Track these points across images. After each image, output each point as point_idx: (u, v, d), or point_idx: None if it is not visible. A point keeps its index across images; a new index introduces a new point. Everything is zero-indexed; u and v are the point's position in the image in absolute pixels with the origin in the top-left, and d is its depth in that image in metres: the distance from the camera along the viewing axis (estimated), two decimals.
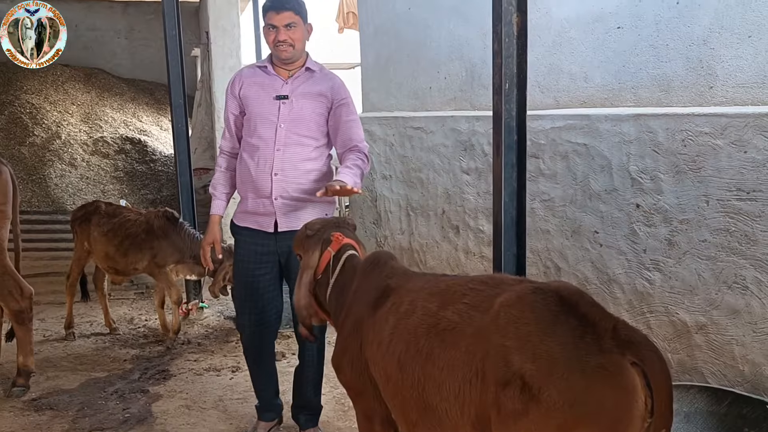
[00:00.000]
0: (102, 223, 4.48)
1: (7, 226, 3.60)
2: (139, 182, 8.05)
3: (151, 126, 9.28)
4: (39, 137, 8.15)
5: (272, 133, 2.82)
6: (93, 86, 9.59)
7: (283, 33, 2.76)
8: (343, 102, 2.88)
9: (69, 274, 4.66)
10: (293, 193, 2.84)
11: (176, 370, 4.00)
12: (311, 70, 2.90)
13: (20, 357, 3.64)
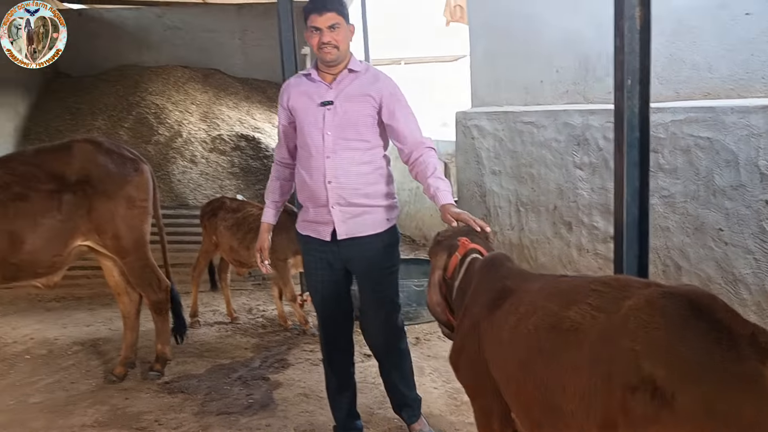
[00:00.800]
0: (227, 217, 4.75)
1: (149, 222, 3.84)
2: (253, 177, 8.39)
3: (263, 123, 9.64)
4: (163, 136, 8.67)
5: (320, 140, 2.76)
6: (210, 86, 10.08)
7: (327, 34, 2.68)
8: (392, 99, 2.78)
9: (195, 266, 4.96)
10: (351, 200, 2.78)
11: (294, 359, 4.17)
12: (354, 71, 2.79)
13: (158, 344, 3.93)
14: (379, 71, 2.87)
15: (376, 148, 2.82)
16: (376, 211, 2.83)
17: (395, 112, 2.77)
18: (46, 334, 4.62)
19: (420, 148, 2.77)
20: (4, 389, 3.79)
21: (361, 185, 2.77)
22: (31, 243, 3.44)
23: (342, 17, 2.71)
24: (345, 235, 2.81)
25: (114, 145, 3.87)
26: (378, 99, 2.76)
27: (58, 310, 5.22)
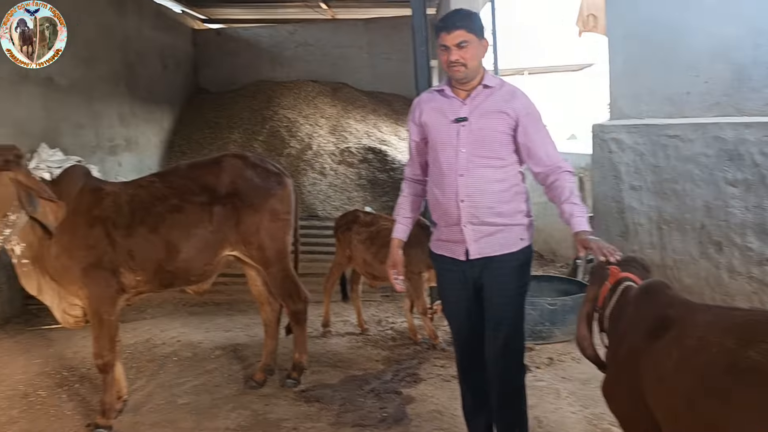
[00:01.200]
0: (361, 231, 4.84)
1: (290, 234, 3.97)
2: (380, 190, 8.52)
3: (390, 136, 9.78)
4: (294, 148, 9.00)
5: (453, 158, 2.69)
6: (338, 100, 10.37)
7: (455, 53, 2.62)
8: (529, 118, 2.68)
9: (328, 277, 5.09)
10: (484, 218, 2.70)
11: (425, 374, 4.17)
12: (489, 87, 2.70)
13: (296, 353, 4.05)
14: (515, 87, 2.78)
15: (510, 166, 2.74)
16: (510, 230, 2.74)
17: (531, 132, 2.68)
18: (190, 337, 4.89)
19: (557, 171, 2.67)
20: (154, 389, 4.04)
21: (495, 203, 2.70)
22: (186, 252, 3.62)
23: (472, 34, 2.65)
24: (478, 254, 2.75)
25: (259, 159, 4.01)
26: (513, 116, 2.67)
27: (200, 315, 5.53)
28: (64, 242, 3.43)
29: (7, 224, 3.24)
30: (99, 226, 3.50)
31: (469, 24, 2.65)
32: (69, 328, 3.73)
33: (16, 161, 3.22)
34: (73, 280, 3.47)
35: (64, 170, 3.79)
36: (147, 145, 8.85)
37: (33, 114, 6.24)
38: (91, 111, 7.37)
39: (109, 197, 3.58)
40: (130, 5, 8.56)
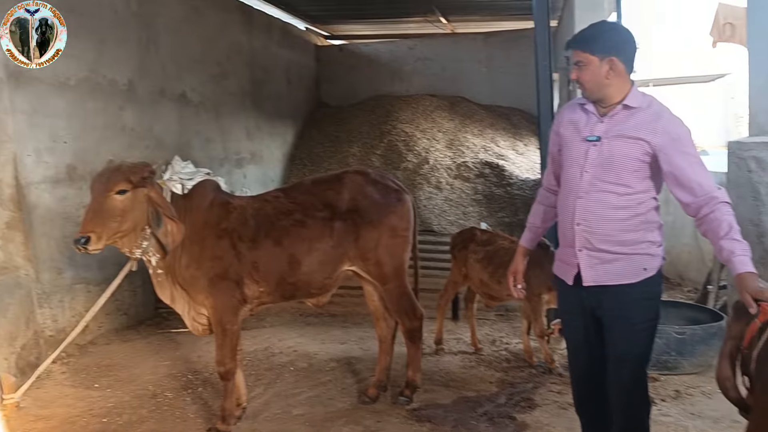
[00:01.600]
0: (478, 250, 4.76)
1: (408, 251, 3.98)
2: (496, 205, 8.39)
3: (507, 150, 9.63)
4: (411, 162, 9.05)
5: (577, 178, 2.60)
6: (456, 114, 10.33)
7: (574, 71, 2.57)
8: (674, 144, 2.46)
9: (443, 294, 5.05)
10: (599, 245, 2.57)
11: (541, 399, 4.03)
12: (630, 108, 2.54)
13: (410, 371, 4.04)
14: (663, 108, 2.56)
15: (637, 194, 2.56)
16: (630, 259, 2.57)
17: (677, 159, 2.47)
18: (307, 348, 5.00)
19: (711, 203, 2.41)
20: (271, 398, 4.15)
21: (613, 231, 2.56)
22: (307, 265, 3.70)
23: (588, 54, 2.54)
24: (591, 281, 2.62)
25: (380, 175, 4.05)
26: (652, 143, 2.48)
27: (316, 326, 5.65)
28: (194, 253, 3.60)
29: (145, 237, 3.49)
30: (226, 238, 3.63)
31: (584, 44, 2.56)
32: (197, 335, 3.88)
33: (150, 178, 3.44)
34: (200, 289, 3.62)
35: (196, 184, 3.95)
36: (270, 158, 9.20)
37: (169, 128, 6.65)
38: (219, 125, 7.75)
39: (237, 211, 3.71)
40: (259, 24, 8.96)
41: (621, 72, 2.55)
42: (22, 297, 4.66)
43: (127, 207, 3.34)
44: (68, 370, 4.77)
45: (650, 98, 2.60)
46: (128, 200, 3.33)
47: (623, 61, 2.55)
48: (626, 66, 2.56)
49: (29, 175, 4.84)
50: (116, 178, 3.34)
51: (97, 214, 3.28)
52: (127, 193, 3.33)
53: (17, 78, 4.74)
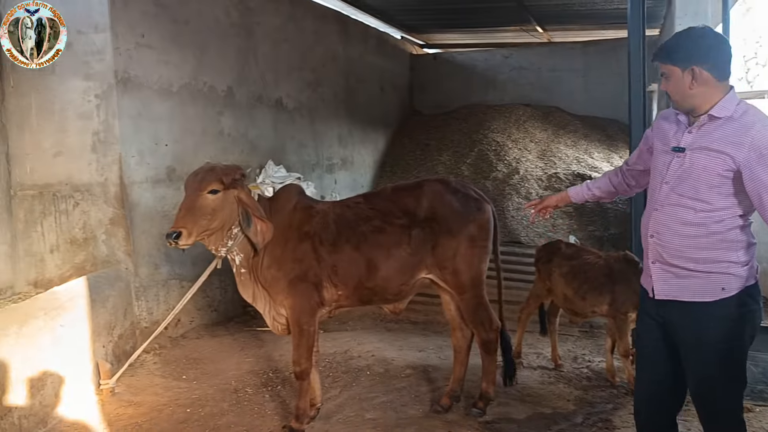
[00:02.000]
0: (563, 264, 4.63)
1: (487, 261, 3.96)
2: (586, 218, 8.18)
3: (601, 163, 9.36)
4: (501, 172, 8.97)
5: (657, 189, 2.55)
6: (550, 124, 10.15)
7: (663, 83, 2.54)
8: (762, 157, 2.30)
9: (525, 307, 4.95)
10: (671, 260, 2.49)
11: (620, 422, 3.90)
12: (716, 118, 2.43)
13: (483, 383, 4.01)
14: (757, 119, 2.39)
15: (716, 212, 2.43)
16: (706, 278, 2.46)
17: (758, 175, 2.32)
18: (385, 353, 5.06)
19: None
20: (346, 401, 4.23)
21: (685, 248, 2.47)
22: (384, 271, 3.76)
23: (671, 65, 2.48)
24: (663, 295, 2.55)
25: (461, 184, 4.05)
26: (736, 158, 2.35)
27: (395, 332, 5.70)
28: (276, 254, 3.73)
29: (231, 236, 3.65)
30: (307, 241, 3.74)
31: (665, 55, 2.51)
32: (277, 334, 4.01)
33: (241, 181, 3.59)
34: (279, 290, 3.74)
35: (280, 188, 4.18)
36: (361, 164, 9.36)
37: (264, 133, 6.91)
38: (313, 131, 7.97)
39: (319, 215, 3.82)
40: (354, 33, 9.15)
41: (707, 80, 2.44)
42: (122, 289, 4.97)
43: (217, 206, 3.48)
44: (160, 361, 5.04)
45: (745, 107, 2.45)
46: (219, 200, 3.47)
47: (709, 68, 2.44)
48: (714, 73, 2.44)
49: (132, 174, 5.16)
50: (209, 178, 3.48)
51: (189, 212, 3.43)
52: (218, 193, 3.47)
53: (125, 84, 5.07)
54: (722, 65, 2.47)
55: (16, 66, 5.05)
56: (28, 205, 5.23)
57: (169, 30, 5.55)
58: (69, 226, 5.18)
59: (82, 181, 5.11)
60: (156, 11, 5.41)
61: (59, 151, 5.12)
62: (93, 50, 4.99)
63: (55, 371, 4.02)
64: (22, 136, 5.19)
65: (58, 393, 4.04)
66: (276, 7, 7.17)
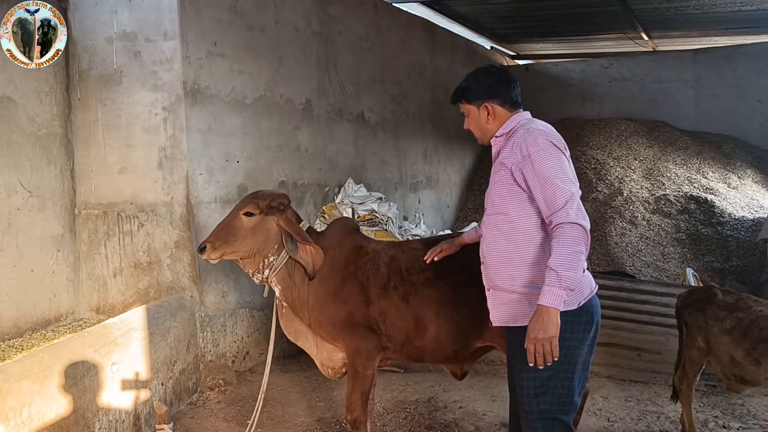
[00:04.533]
0: (723, 317, 3.65)
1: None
2: (703, 247, 7.25)
3: (717, 183, 8.38)
4: (602, 193, 8.15)
5: (482, 223, 2.70)
6: (656, 140, 9.23)
7: (465, 123, 2.76)
8: (524, 161, 2.45)
9: (682, 376, 3.86)
10: (496, 282, 2.59)
11: None
12: (498, 137, 2.65)
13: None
14: (520, 128, 2.56)
15: (520, 219, 2.52)
16: (524, 299, 2.52)
17: (528, 180, 2.46)
18: (474, 405, 4.38)
19: (552, 226, 2.39)
20: None
21: (504, 264, 2.57)
22: (433, 332, 3.29)
23: (466, 103, 2.71)
24: (497, 322, 2.67)
25: None
26: (510, 162, 2.50)
27: (486, 376, 4.99)
28: (319, 295, 3.38)
29: (267, 265, 3.39)
30: (355, 281, 3.37)
31: (460, 95, 2.75)
32: (328, 377, 3.63)
33: (281, 208, 3.36)
34: (325, 333, 3.41)
35: (332, 222, 3.82)
36: (447, 183, 8.74)
37: (343, 149, 6.41)
38: (396, 147, 7.42)
39: (369, 255, 3.44)
40: (442, 43, 8.57)
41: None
42: (185, 320, 4.54)
43: (249, 229, 3.34)
44: (224, 400, 4.56)
45: (514, 124, 2.65)
46: (252, 223, 3.34)
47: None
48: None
49: (200, 194, 4.74)
50: (248, 200, 3.42)
51: (222, 229, 3.40)
52: (253, 217, 3.34)
53: (194, 95, 4.67)
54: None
55: (83, 77, 4.79)
56: (92, 225, 4.89)
57: (244, 38, 5.13)
58: (133, 248, 4.80)
59: (147, 200, 4.73)
60: (230, 18, 4.99)
61: (124, 167, 4.76)
62: (161, 59, 4.61)
63: (104, 416, 3.58)
64: (87, 151, 4.86)
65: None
66: (359, 15, 6.68)
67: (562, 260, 2.31)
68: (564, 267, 2.30)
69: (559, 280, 2.29)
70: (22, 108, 4.54)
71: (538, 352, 2.33)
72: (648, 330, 5.06)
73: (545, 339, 2.31)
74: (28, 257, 4.57)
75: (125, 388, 3.78)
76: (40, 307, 4.64)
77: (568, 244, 2.32)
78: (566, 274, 2.29)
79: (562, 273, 2.29)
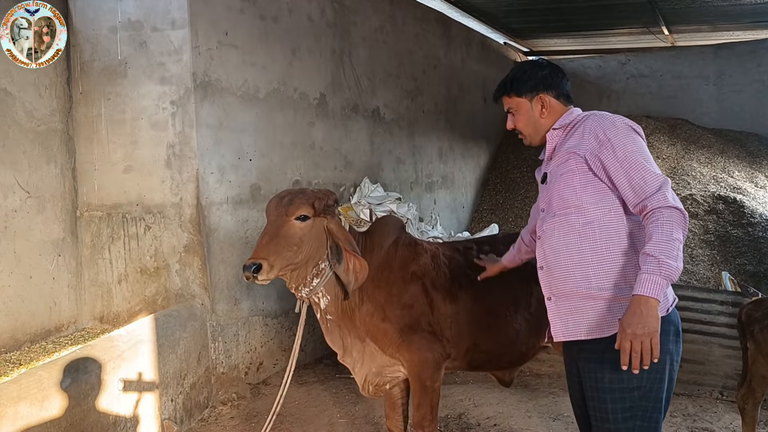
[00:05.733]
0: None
1: None
2: (733, 249, 6.91)
3: (744, 183, 8.05)
4: None
5: (538, 220, 2.37)
6: (678, 138, 8.90)
7: (509, 121, 2.44)
8: (601, 146, 2.14)
9: (748, 393, 3.49)
10: (563, 287, 2.22)
11: None
12: (556, 129, 2.33)
13: None
14: (588, 115, 2.26)
15: (595, 213, 2.20)
16: (600, 306, 2.16)
17: (609, 164, 2.14)
18: (510, 421, 4.06)
19: (645, 212, 2.06)
20: None
21: (576, 266, 2.21)
22: (504, 333, 3.09)
23: (516, 96, 2.39)
24: (562, 336, 2.26)
25: None
26: (584, 149, 2.18)
27: (518, 389, 4.65)
28: (378, 300, 3.01)
29: (316, 273, 2.91)
30: (417, 283, 3.04)
31: (508, 87, 2.43)
32: (367, 397, 3.26)
33: (333, 208, 2.92)
34: (389, 342, 3.01)
35: (376, 221, 3.47)
36: (462, 182, 8.41)
37: (359, 147, 6.08)
38: (412, 145, 7.10)
39: (427, 254, 3.13)
40: (457, 37, 8.24)
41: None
42: (196, 330, 4.22)
43: (305, 236, 2.82)
44: (237, 415, 4.24)
45: (573, 114, 2.37)
46: (308, 228, 2.82)
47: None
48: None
49: (211, 194, 4.41)
50: (300, 201, 2.82)
51: (272, 240, 2.77)
52: (308, 220, 2.82)
53: (205, 89, 4.35)
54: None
55: (86, 69, 4.48)
56: (95, 228, 4.57)
57: (256, 27, 4.81)
58: (139, 253, 4.48)
59: (154, 201, 4.41)
60: (242, 6, 4.67)
61: (129, 165, 4.44)
62: (169, 50, 4.29)
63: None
64: (90, 149, 4.54)
65: None
66: (374, 6, 6.36)
67: (662, 246, 1.96)
68: (665, 254, 1.95)
69: (659, 267, 1.94)
70: (20, 102, 4.22)
71: (635, 351, 1.94)
72: (690, 339, 4.73)
73: (645, 335, 1.93)
74: (26, 263, 4.25)
75: (132, 407, 3.46)
76: (39, 317, 4.32)
77: (668, 229, 1.98)
78: (667, 262, 1.94)
79: (662, 260, 1.94)
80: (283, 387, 3.17)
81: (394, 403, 3.26)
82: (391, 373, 3.11)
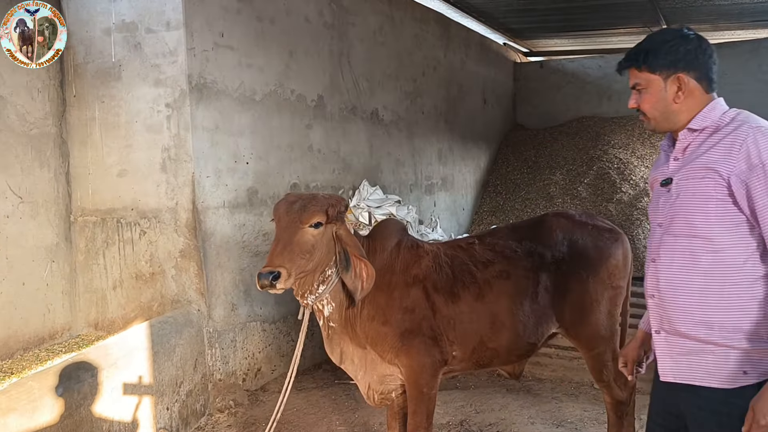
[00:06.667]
0: None
1: (621, 306, 3.21)
2: None
3: None
4: (626, 194, 7.75)
5: (653, 236, 1.99)
6: None
7: (633, 98, 2.04)
8: (751, 171, 1.76)
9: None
10: (678, 326, 1.88)
11: None
12: (694, 131, 1.91)
13: None
14: (748, 127, 1.81)
15: (728, 250, 1.82)
16: (723, 353, 1.83)
17: (756, 195, 1.76)
18: (512, 428, 3.97)
19: None
20: None
21: (695, 308, 1.85)
22: (512, 327, 3.07)
23: (649, 72, 1.97)
24: (671, 376, 1.93)
25: (587, 215, 3.33)
26: (727, 172, 1.80)
27: (520, 394, 4.58)
28: (380, 303, 2.97)
29: (323, 280, 2.86)
30: (418, 286, 3.02)
31: (639, 58, 1.99)
32: (372, 406, 3.21)
33: (343, 215, 2.90)
34: (388, 347, 2.98)
35: (378, 224, 3.42)
36: (462, 184, 8.34)
37: (357, 149, 6.01)
38: (411, 147, 7.03)
39: (429, 256, 3.10)
40: (456, 38, 8.17)
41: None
42: (192, 336, 4.14)
43: (317, 243, 2.78)
44: (235, 423, 4.16)
45: (732, 114, 1.91)
46: (320, 235, 2.79)
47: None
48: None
49: (207, 198, 4.34)
50: (313, 209, 2.77)
51: (287, 248, 2.72)
52: (321, 227, 2.78)
53: (200, 91, 4.27)
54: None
55: (79, 71, 4.40)
56: (89, 233, 4.49)
57: (253, 28, 4.74)
58: (134, 258, 4.40)
59: (150, 205, 4.33)
60: (238, 7, 4.60)
61: (124, 169, 4.36)
62: (164, 51, 4.22)
63: None
64: (84, 152, 4.47)
65: None
66: (372, 6, 6.29)
67: None
68: None
69: None
70: (12, 105, 4.15)
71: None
72: None
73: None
74: (19, 269, 4.18)
75: (126, 416, 3.38)
76: (32, 324, 4.24)
77: None
78: None
79: None
80: (283, 395, 3.08)
81: (397, 413, 3.22)
82: (392, 382, 3.07)
